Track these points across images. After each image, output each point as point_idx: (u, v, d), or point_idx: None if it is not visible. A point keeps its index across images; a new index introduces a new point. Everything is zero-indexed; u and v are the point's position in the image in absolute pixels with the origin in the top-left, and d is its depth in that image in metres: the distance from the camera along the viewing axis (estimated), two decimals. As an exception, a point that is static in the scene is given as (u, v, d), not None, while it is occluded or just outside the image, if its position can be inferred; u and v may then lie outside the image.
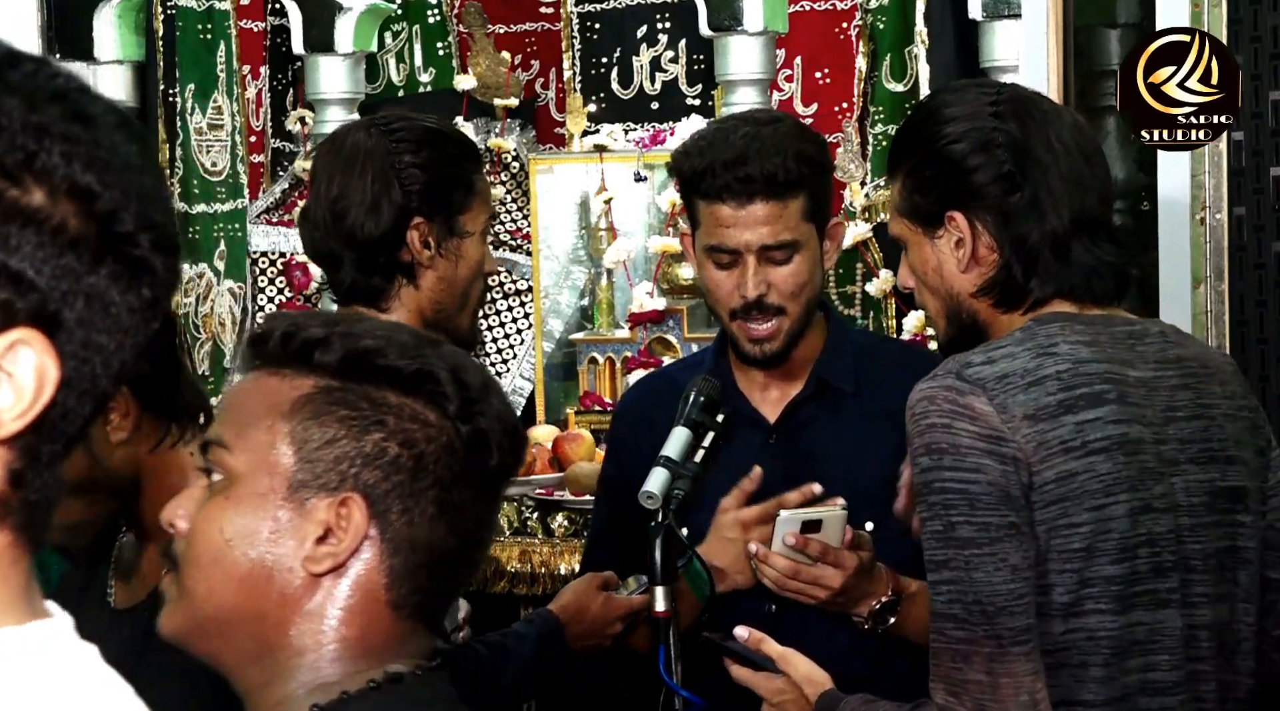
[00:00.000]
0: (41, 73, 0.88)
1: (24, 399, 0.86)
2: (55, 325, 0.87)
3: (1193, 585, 2.00)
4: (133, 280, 0.90)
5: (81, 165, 0.87)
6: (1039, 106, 2.10)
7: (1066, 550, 1.93)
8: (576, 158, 4.75)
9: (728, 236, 2.50)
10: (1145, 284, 3.86)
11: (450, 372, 1.47)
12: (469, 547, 1.49)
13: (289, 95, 5.23)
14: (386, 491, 1.46)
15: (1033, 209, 2.03)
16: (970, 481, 1.92)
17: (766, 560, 2.40)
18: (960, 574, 1.93)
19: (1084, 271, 2.04)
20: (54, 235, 0.86)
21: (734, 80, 4.03)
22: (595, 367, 4.58)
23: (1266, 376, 3.36)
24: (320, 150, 2.57)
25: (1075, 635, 1.95)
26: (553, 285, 4.81)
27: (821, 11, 4.75)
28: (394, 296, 2.46)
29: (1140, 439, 1.98)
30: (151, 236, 0.90)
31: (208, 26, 4.72)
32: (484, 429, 1.47)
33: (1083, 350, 1.99)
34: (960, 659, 1.93)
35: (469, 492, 1.47)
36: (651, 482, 2.37)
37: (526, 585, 3.91)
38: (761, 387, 2.62)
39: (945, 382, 1.95)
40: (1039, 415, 1.93)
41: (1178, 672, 1.98)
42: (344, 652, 1.47)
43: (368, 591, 1.46)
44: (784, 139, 2.51)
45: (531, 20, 5.31)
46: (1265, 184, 3.35)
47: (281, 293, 4.94)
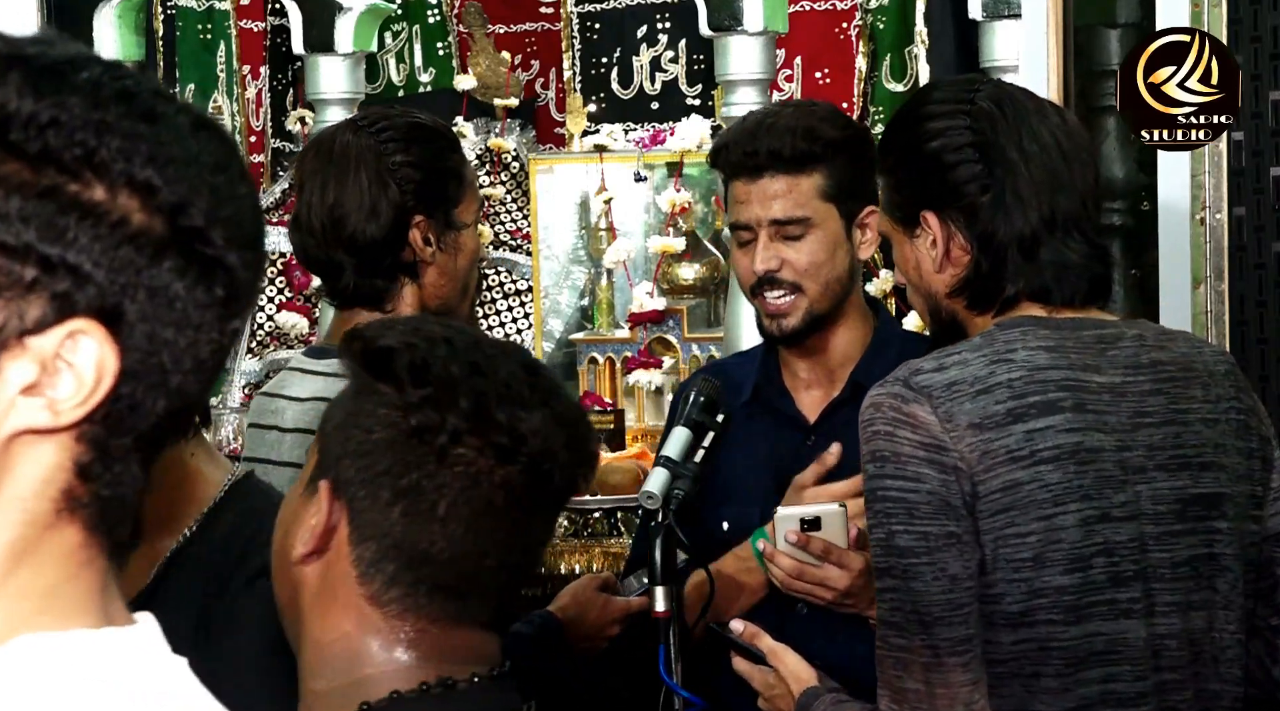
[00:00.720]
0: (108, 75, 0.90)
1: (84, 388, 0.87)
2: (116, 317, 0.88)
3: (1159, 594, 1.97)
4: (201, 276, 0.90)
5: (142, 160, 0.88)
6: (1017, 104, 2.07)
7: (1015, 559, 1.91)
8: (576, 158, 4.75)
9: (742, 212, 2.55)
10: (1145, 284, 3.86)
11: (411, 360, 1.46)
12: (467, 552, 1.46)
13: (289, 95, 5.23)
14: (350, 479, 1.47)
15: (999, 208, 2.01)
16: (910, 490, 1.91)
17: (773, 558, 2.40)
18: (900, 582, 1.92)
19: (1053, 272, 2.01)
20: (113, 228, 0.87)
21: (734, 80, 4.03)
22: (595, 368, 4.58)
23: (1266, 376, 3.35)
24: (306, 156, 2.55)
25: (1026, 645, 1.93)
26: (553, 285, 4.81)
27: (821, 11, 4.75)
28: (397, 296, 2.46)
29: (1099, 447, 1.95)
30: (225, 233, 0.91)
31: (208, 26, 4.72)
32: (437, 419, 1.44)
33: (1042, 356, 1.96)
34: (900, 667, 1.93)
35: (446, 493, 1.44)
36: (651, 482, 2.37)
37: (527, 585, 3.91)
38: (805, 386, 2.62)
39: (893, 390, 1.95)
40: (985, 424, 1.91)
41: (1143, 683, 1.96)
42: (348, 649, 1.47)
43: (345, 582, 1.47)
44: (802, 117, 2.55)
45: (531, 20, 5.31)
46: (1265, 184, 3.35)
47: (281, 293, 4.94)
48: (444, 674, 1.46)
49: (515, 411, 1.45)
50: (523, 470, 1.45)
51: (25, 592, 0.89)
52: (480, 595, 1.48)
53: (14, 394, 0.87)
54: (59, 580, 0.90)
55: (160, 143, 0.89)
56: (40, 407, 0.87)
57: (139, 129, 0.89)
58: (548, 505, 1.50)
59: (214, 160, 0.92)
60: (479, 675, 1.47)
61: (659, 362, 4.47)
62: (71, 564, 0.91)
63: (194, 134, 0.92)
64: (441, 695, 1.45)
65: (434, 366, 1.45)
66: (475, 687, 1.46)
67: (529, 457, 1.45)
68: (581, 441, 1.50)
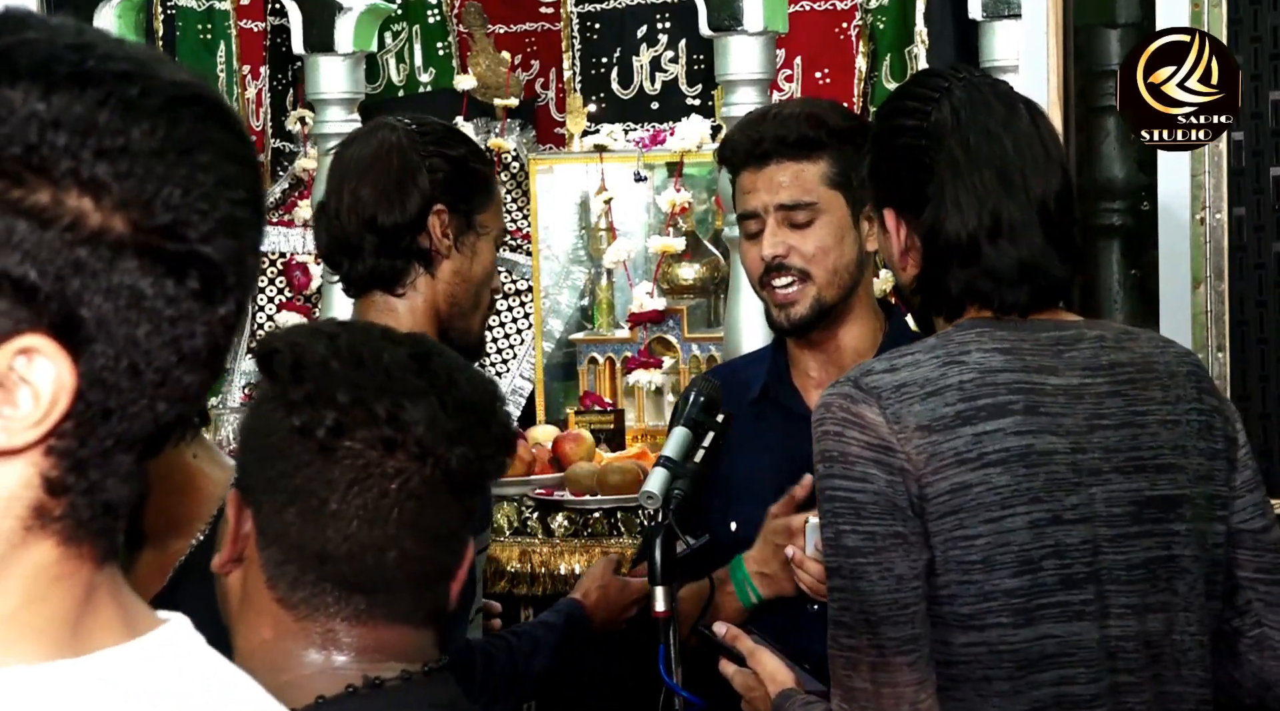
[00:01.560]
0: (64, 55, 0.83)
1: (40, 406, 0.83)
2: (70, 326, 0.83)
3: (1113, 596, 1.96)
4: (171, 270, 0.85)
5: (92, 154, 0.82)
6: (979, 107, 2.03)
7: (965, 562, 1.91)
8: (576, 158, 4.75)
9: (749, 200, 2.56)
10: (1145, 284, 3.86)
11: (293, 359, 1.45)
12: (365, 546, 1.44)
13: (289, 95, 5.23)
14: (253, 484, 1.47)
15: (940, 210, 1.99)
16: (857, 490, 1.91)
17: (802, 565, 2.41)
18: (847, 582, 1.93)
19: (992, 278, 1.99)
20: (63, 233, 0.82)
21: (734, 80, 4.03)
22: (595, 368, 4.58)
23: (1266, 376, 3.35)
24: (343, 145, 2.60)
25: (976, 648, 1.93)
26: (553, 285, 4.81)
27: (821, 11, 4.75)
28: (410, 284, 2.49)
29: (1051, 449, 1.94)
30: (201, 225, 0.85)
31: (208, 26, 4.72)
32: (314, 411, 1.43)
33: (996, 358, 1.96)
34: (849, 666, 1.94)
35: (335, 488, 1.43)
36: (651, 483, 2.37)
37: (526, 585, 3.91)
38: (816, 384, 2.62)
39: (843, 390, 1.95)
40: (934, 426, 1.91)
41: (1097, 685, 1.95)
42: (268, 656, 1.46)
43: (258, 587, 1.47)
44: (805, 107, 2.60)
45: (531, 20, 5.31)
46: (1265, 184, 3.35)
47: (281, 293, 4.94)
48: (370, 673, 1.44)
49: (398, 400, 1.43)
50: (413, 459, 1.43)
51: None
52: (389, 590, 1.46)
53: None
54: (22, 602, 0.85)
55: (114, 132, 0.83)
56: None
57: (91, 118, 0.82)
58: (451, 493, 1.46)
59: (188, 142, 0.85)
60: (410, 672, 1.46)
61: (659, 363, 4.47)
62: (41, 583, 0.86)
63: (165, 114, 0.85)
64: (368, 695, 1.43)
65: (312, 363, 1.44)
66: (407, 684, 1.45)
67: (418, 446, 1.43)
68: (479, 425, 1.47)
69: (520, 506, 4.01)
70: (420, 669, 1.47)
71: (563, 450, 4.15)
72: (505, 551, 3.92)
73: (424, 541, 1.46)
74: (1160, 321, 3.39)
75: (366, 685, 1.44)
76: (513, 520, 3.99)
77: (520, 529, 3.98)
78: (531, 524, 3.98)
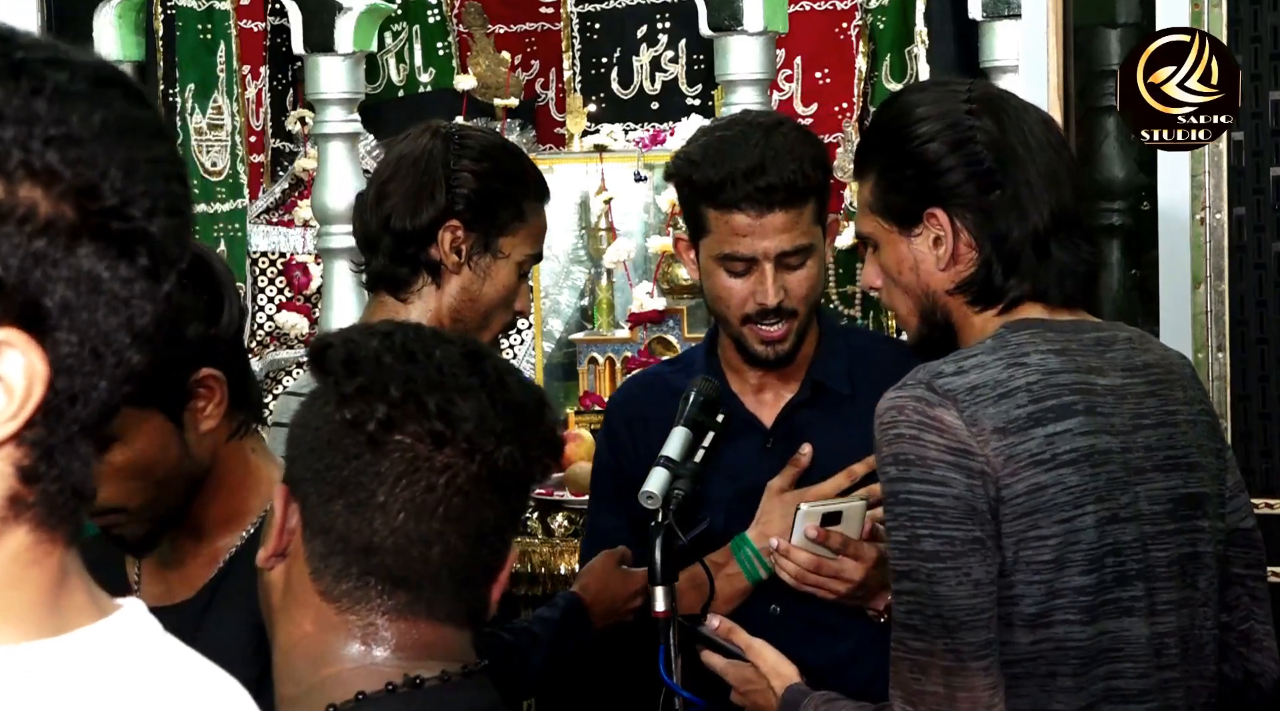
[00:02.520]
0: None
1: (15, 400, 0.83)
2: (36, 316, 0.83)
3: (1157, 593, 1.99)
4: (122, 252, 0.86)
5: (40, 145, 0.83)
6: (1010, 103, 2.09)
7: (1035, 562, 1.92)
8: (576, 158, 4.75)
9: (743, 245, 2.49)
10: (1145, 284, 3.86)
11: (346, 354, 1.46)
12: (411, 540, 1.45)
13: (289, 95, 5.23)
14: (301, 477, 1.48)
15: (1015, 207, 2.02)
16: (936, 494, 1.91)
17: (788, 554, 2.40)
18: (922, 586, 1.92)
19: (1059, 271, 2.03)
20: (19, 225, 0.82)
21: (734, 80, 4.03)
22: (595, 367, 4.58)
23: (1266, 376, 3.35)
24: (390, 143, 2.63)
25: (1043, 645, 1.94)
26: (553, 285, 4.81)
27: (821, 11, 4.75)
28: (416, 291, 2.50)
29: (1108, 449, 1.97)
30: (144, 204, 0.86)
31: (208, 26, 4.72)
32: (366, 412, 1.44)
33: (1053, 360, 1.98)
34: (918, 670, 1.93)
35: (384, 481, 1.44)
36: (651, 483, 2.37)
37: (526, 585, 3.91)
38: (755, 390, 2.61)
39: (915, 393, 1.94)
40: (1009, 428, 1.92)
41: (1145, 681, 1.98)
42: (310, 650, 1.47)
43: (301, 580, 1.47)
44: (795, 145, 2.50)
45: (531, 20, 5.31)
46: (1265, 184, 3.35)
47: (281, 293, 4.94)
48: (410, 671, 1.44)
49: (448, 396, 1.44)
50: (461, 455, 1.44)
51: None
52: (433, 585, 1.46)
53: None
54: (2, 587, 0.87)
55: (57, 120, 0.83)
56: None
57: (32, 109, 0.83)
58: (497, 492, 1.47)
59: (120, 124, 0.86)
60: (449, 672, 1.46)
61: (659, 362, 4.47)
62: (16, 567, 0.87)
63: (94, 98, 0.86)
64: (408, 694, 1.44)
65: (365, 357, 1.46)
66: (446, 686, 1.45)
67: (467, 442, 1.44)
68: (528, 426, 1.48)
69: (520, 506, 4.00)
70: (459, 670, 1.47)
71: (563, 447, 4.15)
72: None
73: (468, 538, 1.46)
74: (1160, 321, 3.39)
75: (406, 683, 1.44)
76: (513, 520, 3.98)
77: (520, 529, 3.99)
78: (531, 524, 3.98)
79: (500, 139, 2.62)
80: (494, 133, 2.66)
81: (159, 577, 2.12)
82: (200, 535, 2.09)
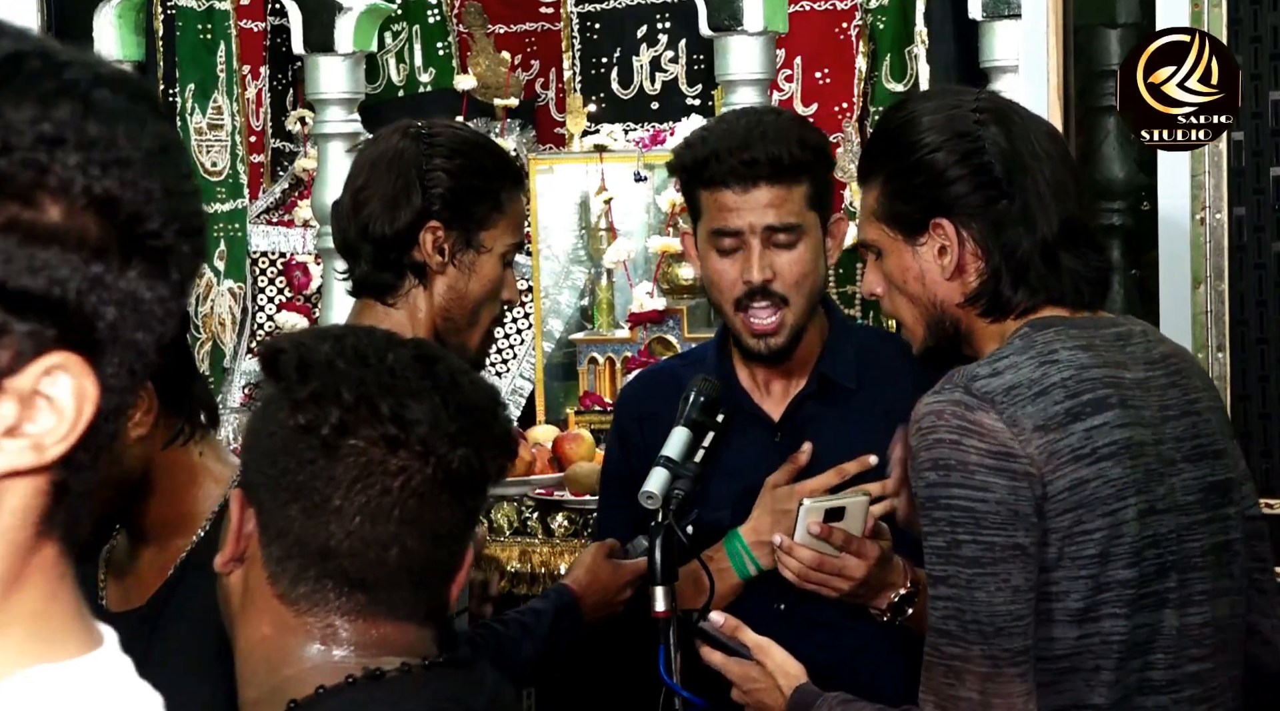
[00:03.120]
0: (46, 67, 0.84)
1: (65, 422, 0.84)
2: (89, 339, 0.84)
3: (1191, 583, 2.00)
4: (160, 273, 0.87)
5: (99, 169, 0.83)
6: (1018, 113, 2.09)
7: (1081, 557, 1.93)
8: (576, 158, 4.75)
9: (731, 218, 2.50)
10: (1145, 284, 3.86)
11: (298, 358, 1.46)
12: (368, 543, 1.45)
13: (289, 95, 5.23)
14: (256, 482, 1.48)
15: (1024, 217, 2.02)
16: (978, 499, 1.91)
17: (791, 551, 2.40)
18: (960, 592, 1.92)
19: (1072, 279, 2.03)
20: (77, 249, 0.83)
21: (734, 80, 4.03)
22: (595, 367, 4.58)
23: (1266, 376, 3.35)
24: (362, 145, 2.59)
25: (1090, 639, 1.95)
26: (553, 285, 4.81)
27: (821, 11, 4.75)
28: (404, 295, 2.47)
29: (1143, 441, 1.98)
30: (178, 225, 0.87)
31: (208, 26, 4.72)
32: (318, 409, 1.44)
33: (1082, 355, 1.99)
34: (953, 675, 1.93)
35: (338, 485, 1.45)
36: (651, 482, 2.37)
37: (526, 585, 3.91)
38: (764, 385, 2.62)
39: (953, 397, 1.94)
40: (1049, 425, 1.93)
41: (1174, 671, 1.99)
42: (269, 652, 1.48)
43: (259, 584, 1.48)
44: (786, 126, 2.52)
45: (531, 20, 5.31)
46: (1265, 184, 3.35)
47: (281, 292, 4.94)
48: (369, 666, 1.45)
49: (401, 399, 1.45)
50: (416, 457, 1.45)
51: (18, 618, 0.87)
52: (391, 587, 1.47)
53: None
54: (44, 600, 0.88)
55: (112, 143, 0.84)
56: (24, 449, 0.83)
57: (90, 133, 0.83)
58: (452, 493, 1.48)
59: (157, 142, 0.86)
60: (410, 664, 1.47)
61: (670, 357, 4.47)
62: (51, 580, 0.88)
63: (133, 115, 0.86)
64: (368, 685, 1.44)
65: (317, 362, 1.46)
66: (407, 676, 1.46)
67: (421, 444, 1.44)
68: (481, 427, 1.48)
69: (520, 506, 4.01)
70: (420, 662, 1.48)
71: (563, 450, 4.15)
72: (505, 551, 3.92)
73: (425, 539, 1.47)
74: (1160, 321, 3.39)
75: (366, 675, 1.45)
76: (513, 520, 3.99)
77: (520, 529, 3.98)
78: (531, 524, 3.98)
79: (469, 131, 2.57)
80: (461, 125, 2.59)
81: (116, 583, 2.16)
82: (148, 540, 2.10)
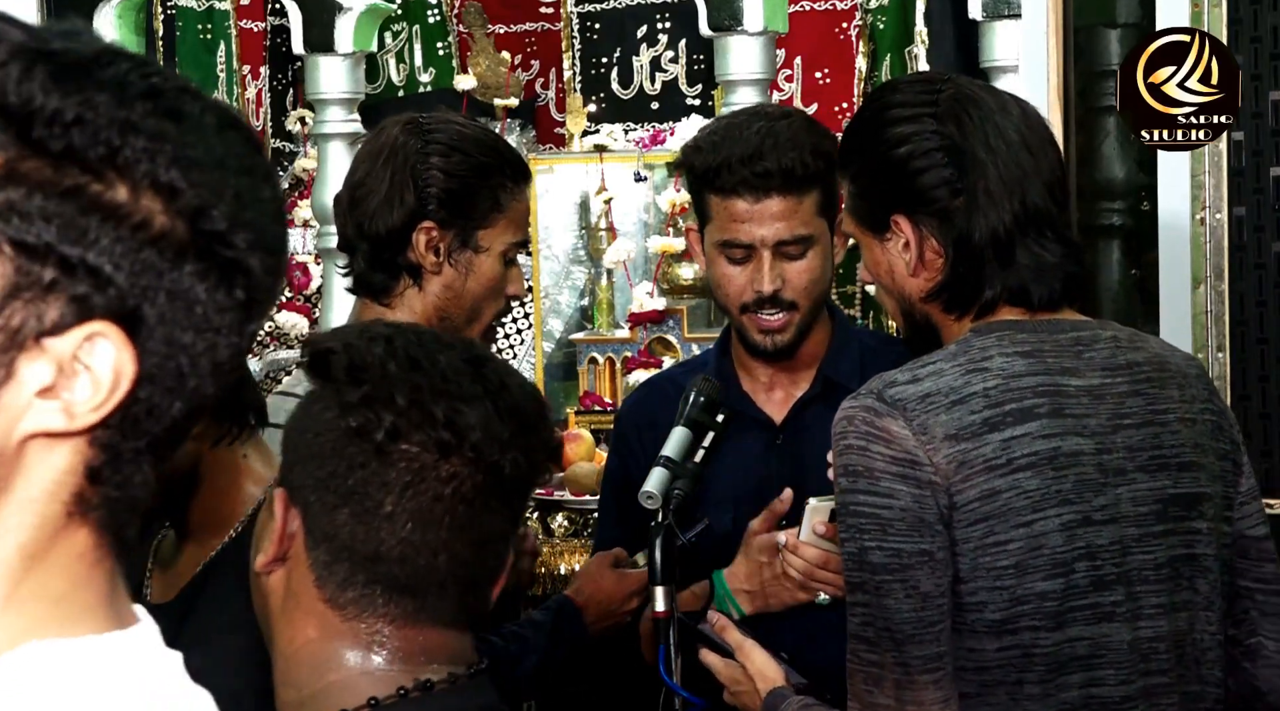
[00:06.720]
0: (135, 71, 0.88)
1: (100, 391, 0.86)
2: (135, 320, 0.87)
3: (1144, 597, 1.96)
4: (222, 279, 0.89)
5: (166, 161, 0.87)
6: (979, 104, 2.04)
7: (996, 568, 1.90)
8: (576, 158, 4.75)
9: (742, 231, 2.49)
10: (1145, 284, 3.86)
11: (349, 361, 1.46)
12: (418, 549, 1.45)
13: (289, 95, 5.23)
14: (301, 484, 1.47)
15: (973, 211, 1.99)
16: (883, 506, 1.90)
17: (796, 550, 2.40)
18: (871, 598, 1.91)
19: (1030, 273, 1.99)
20: (135, 231, 0.86)
21: (734, 80, 4.03)
22: (595, 367, 4.58)
23: (1266, 376, 3.35)
24: (364, 139, 2.56)
25: (1010, 652, 1.92)
26: (553, 285, 4.81)
27: (821, 11, 4.75)
28: (399, 295, 2.43)
29: (1077, 451, 1.94)
30: (247, 236, 0.90)
31: (208, 26, 4.72)
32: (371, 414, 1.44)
33: (1018, 363, 1.95)
34: (871, 682, 1.92)
35: (390, 490, 1.44)
36: (651, 483, 2.36)
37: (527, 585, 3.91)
38: (766, 388, 2.61)
39: (865, 403, 1.93)
40: (961, 434, 1.90)
41: (1128, 687, 1.95)
42: (313, 655, 1.47)
43: (304, 586, 1.47)
44: (799, 133, 2.49)
45: (531, 20, 5.32)
46: (1265, 184, 3.35)
47: (281, 292, 4.95)
48: (416, 675, 1.45)
49: (454, 404, 1.44)
50: (468, 463, 1.44)
51: (37, 596, 0.89)
52: (438, 592, 1.47)
53: (30, 396, 0.86)
54: (70, 585, 0.90)
55: (185, 143, 0.88)
56: (56, 410, 0.86)
57: (164, 128, 0.88)
58: (501, 498, 1.47)
59: (239, 162, 0.91)
60: (456, 675, 1.47)
61: (659, 363, 4.47)
62: (81, 567, 0.90)
63: (220, 134, 0.91)
64: (420, 698, 1.44)
65: (370, 365, 1.45)
66: (453, 688, 1.46)
67: (473, 450, 1.44)
68: (530, 431, 1.48)
69: (520, 506, 4.00)
70: (465, 671, 1.48)
71: (563, 450, 4.15)
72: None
73: (473, 545, 1.47)
74: (1160, 321, 3.39)
75: (417, 687, 1.45)
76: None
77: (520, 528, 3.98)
78: (531, 524, 3.98)
79: (471, 127, 2.50)
80: (466, 120, 2.53)
81: (160, 577, 2.16)
82: (190, 536, 2.11)
